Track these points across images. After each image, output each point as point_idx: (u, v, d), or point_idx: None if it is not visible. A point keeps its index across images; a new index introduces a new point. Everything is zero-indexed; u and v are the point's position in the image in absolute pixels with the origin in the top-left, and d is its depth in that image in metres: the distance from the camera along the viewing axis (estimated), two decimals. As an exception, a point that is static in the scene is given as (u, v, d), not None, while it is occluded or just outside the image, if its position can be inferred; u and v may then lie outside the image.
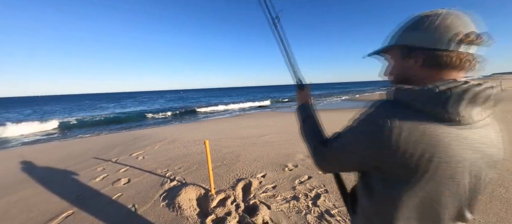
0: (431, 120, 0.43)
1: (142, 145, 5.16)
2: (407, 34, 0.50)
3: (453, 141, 0.42)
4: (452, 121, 0.43)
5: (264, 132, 5.79)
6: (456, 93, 0.42)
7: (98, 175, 3.39)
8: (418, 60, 0.48)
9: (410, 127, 0.43)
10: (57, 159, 4.62)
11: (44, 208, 2.50)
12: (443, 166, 0.43)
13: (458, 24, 0.44)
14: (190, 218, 2.07)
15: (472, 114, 0.44)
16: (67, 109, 27.66)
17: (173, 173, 3.24)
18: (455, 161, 0.43)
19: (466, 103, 0.42)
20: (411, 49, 0.49)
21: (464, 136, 0.43)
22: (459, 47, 0.44)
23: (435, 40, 0.45)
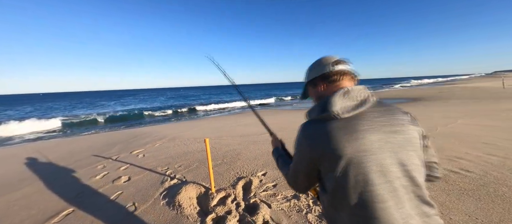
0: (325, 122, 0.63)
1: (143, 143, 5.16)
2: (309, 74, 0.79)
3: (339, 131, 0.60)
4: (334, 118, 0.62)
5: (264, 130, 5.77)
6: (330, 99, 0.64)
7: (98, 173, 3.38)
8: (321, 84, 0.74)
9: (314, 132, 0.64)
10: (57, 157, 4.62)
11: (45, 206, 2.50)
12: (337, 151, 0.59)
13: (329, 57, 0.74)
14: (191, 217, 2.06)
15: (347, 108, 0.62)
16: (68, 107, 27.70)
17: (173, 171, 3.23)
18: (346, 145, 0.58)
19: (339, 102, 0.62)
20: (313, 81, 0.76)
21: (345, 126, 0.60)
22: (334, 67, 0.71)
23: (321, 68, 0.73)
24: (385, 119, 0.63)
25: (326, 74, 0.72)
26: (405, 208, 0.56)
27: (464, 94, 14.21)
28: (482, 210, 1.85)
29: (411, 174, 0.59)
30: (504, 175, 2.39)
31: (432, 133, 4.32)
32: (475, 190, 2.15)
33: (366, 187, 0.56)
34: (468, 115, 6.13)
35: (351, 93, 0.64)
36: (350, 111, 0.61)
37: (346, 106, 0.62)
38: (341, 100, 0.63)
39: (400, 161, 0.59)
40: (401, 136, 0.62)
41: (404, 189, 0.57)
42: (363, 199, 0.56)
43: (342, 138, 0.59)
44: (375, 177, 0.56)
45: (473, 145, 3.41)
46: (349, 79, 0.72)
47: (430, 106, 9.55)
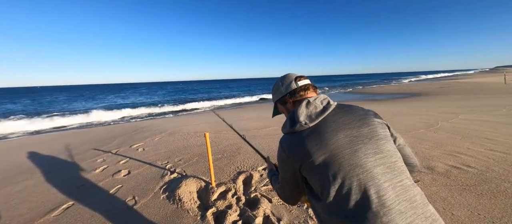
0: (296, 133, 0.70)
1: (142, 137, 5.14)
2: (275, 94, 0.88)
3: (309, 138, 0.66)
4: (303, 128, 0.68)
5: (265, 124, 5.75)
6: (295, 112, 0.72)
7: (98, 166, 3.37)
8: (289, 100, 0.82)
9: (289, 144, 0.70)
10: (57, 150, 4.60)
11: (44, 199, 2.49)
12: (311, 157, 0.64)
13: (289, 75, 0.84)
14: (191, 211, 2.05)
15: (311, 117, 0.69)
16: (67, 100, 27.60)
17: (173, 165, 3.22)
18: (318, 148, 0.63)
19: (304, 112, 0.70)
20: (282, 99, 0.84)
21: (314, 132, 0.66)
22: (297, 84, 0.80)
23: (287, 87, 0.82)
24: (349, 117, 0.68)
25: (292, 91, 0.80)
26: (388, 194, 0.56)
27: (465, 89, 14.15)
28: (484, 205, 1.84)
29: (387, 160, 0.62)
30: (506, 171, 2.37)
31: (433, 128, 4.29)
32: (477, 185, 2.14)
33: (345, 181, 0.58)
34: (470, 110, 6.10)
35: (313, 103, 0.72)
36: (315, 119, 0.68)
37: (310, 115, 0.69)
38: (305, 110, 0.70)
39: (374, 150, 0.62)
40: (368, 128, 0.66)
41: (383, 176, 0.58)
42: (346, 192, 0.58)
43: (314, 143, 0.64)
44: (352, 169, 0.59)
45: (475, 140, 3.39)
46: (312, 91, 0.81)
47: (431, 101, 9.51)
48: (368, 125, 0.67)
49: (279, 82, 0.85)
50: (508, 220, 1.65)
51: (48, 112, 16.08)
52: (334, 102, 0.74)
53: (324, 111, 0.69)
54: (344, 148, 0.62)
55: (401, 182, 0.59)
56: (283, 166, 0.75)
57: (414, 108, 7.33)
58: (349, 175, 0.59)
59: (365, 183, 0.58)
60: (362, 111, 0.72)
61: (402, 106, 8.48)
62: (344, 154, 0.61)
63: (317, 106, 0.71)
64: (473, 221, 1.68)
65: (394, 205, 0.55)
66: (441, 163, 2.67)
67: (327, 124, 0.67)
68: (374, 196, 0.56)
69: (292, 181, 0.76)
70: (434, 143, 3.37)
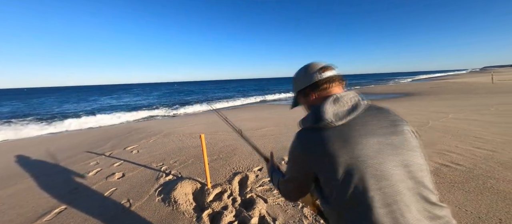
0: (319, 131, 0.62)
1: (137, 139, 5.08)
2: (296, 83, 0.80)
3: (334, 139, 0.59)
4: (327, 126, 0.61)
5: (261, 125, 5.77)
6: (321, 108, 0.63)
7: (91, 169, 3.32)
8: (311, 93, 0.74)
9: (309, 141, 0.63)
10: (48, 153, 4.50)
11: (35, 203, 2.44)
12: (333, 160, 0.57)
13: (314, 64, 0.75)
14: (186, 213, 2.05)
15: (339, 115, 0.61)
16: (56, 103, 26.94)
17: (168, 167, 3.20)
18: (343, 152, 0.57)
19: (331, 109, 0.62)
20: (304, 90, 0.76)
21: (340, 133, 0.59)
22: (322, 75, 0.71)
23: (309, 78, 0.73)
24: (380, 122, 0.62)
25: (315, 83, 0.72)
26: (412, 212, 0.52)
27: (455, 89, 14.55)
28: (471, 201, 1.91)
29: (416, 174, 0.56)
30: (492, 168, 2.47)
31: (424, 127, 4.41)
32: (464, 182, 2.22)
33: (367, 193, 0.53)
34: (459, 109, 6.29)
35: (341, 100, 0.64)
36: (343, 118, 0.61)
37: (338, 113, 0.62)
38: (332, 107, 0.63)
39: (403, 162, 0.57)
40: (400, 136, 0.60)
41: (409, 191, 0.54)
42: (366, 205, 0.54)
43: (338, 146, 0.57)
44: (376, 182, 0.54)
45: (463, 139, 3.50)
46: (338, 85, 0.73)
47: (422, 101, 9.74)
48: (400, 134, 0.61)
49: (302, 71, 0.76)
50: (494, 215, 1.72)
51: (37, 114, 15.67)
52: (365, 101, 0.67)
53: (353, 110, 0.62)
54: (371, 157, 0.56)
55: (427, 199, 0.55)
56: (296, 164, 0.70)
57: (407, 108, 7.50)
58: (372, 187, 0.53)
59: (389, 197, 0.53)
60: (394, 117, 0.65)
61: (395, 105, 8.66)
62: (371, 163, 0.55)
63: (346, 103, 0.64)
64: (461, 217, 1.74)
65: (417, 222, 0.52)
66: (432, 161, 2.75)
67: (356, 127, 0.60)
68: (398, 213, 0.52)
69: (301, 179, 0.71)
70: (425, 142, 3.46)
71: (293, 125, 5.56)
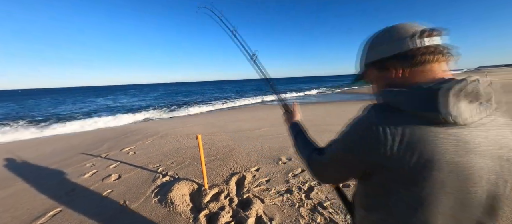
0: (424, 123, 0.42)
1: (133, 140, 5.05)
2: (374, 51, 0.53)
3: (449, 144, 0.40)
4: (446, 122, 0.41)
5: (258, 126, 5.78)
6: (441, 91, 0.41)
7: (87, 171, 3.29)
8: (396, 67, 0.49)
9: (403, 131, 0.42)
10: (43, 155, 4.45)
11: (30, 206, 2.41)
12: (438, 172, 0.40)
13: (410, 26, 0.48)
14: (183, 214, 2.05)
15: (464, 112, 0.41)
16: (51, 104, 26.62)
17: (165, 168, 3.19)
18: (453, 166, 0.40)
19: (454, 99, 0.41)
20: (383, 61, 0.51)
21: (460, 138, 0.41)
22: (423, 42, 0.46)
23: (400, 44, 0.48)
24: (504, 141, 0.44)
25: (408, 52, 0.46)
26: None
27: (450, 89, 14.73)
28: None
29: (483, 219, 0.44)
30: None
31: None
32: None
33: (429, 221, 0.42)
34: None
35: (472, 89, 0.42)
36: (470, 117, 0.42)
37: (468, 113, 0.41)
38: (463, 101, 0.41)
39: (488, 207, 0.43)
40: (507, 163, 0.43)
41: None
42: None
43: (450, 156, 0.40)
44: (471, 215, 0.42)
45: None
46: (444, 62, 0.48)
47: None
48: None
49: (385, 34, 0.51)
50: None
51: (32, 116, 15.48)
52: (496, 94, 0.45)
53: (485, 108, 0.43)
54: (472, 185, 0.41)
55: None
56: (354, 149, 0.48)
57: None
58: (439, 217, 0.42)
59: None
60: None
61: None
62: (480, 191, 0.41)
63: (480, 96, 0.43)
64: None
65: None
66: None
67: (479, 133, 0.42)
68: None
69: (348, 169, 0.53)
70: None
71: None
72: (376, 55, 0.53)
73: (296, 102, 0.96)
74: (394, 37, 0.49)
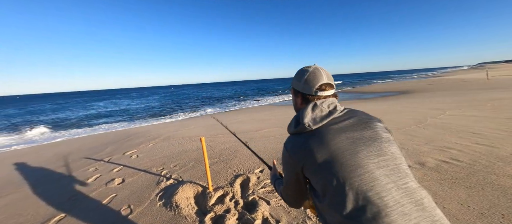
0: (300, 135, 0.71)
1: (136, 143, 5.03)
2: (295, 81, 0.82)
3: (312, 139, 0.67)
4: (306, 129, 0.69)
5: (260, 127, 5.77)
6: (301, 114, 0.72)
7: (90, 175, 3.28)
8: (300, 98, 0.81)
9: (293, 145, 0.72)
10: (47, 160, 4.44)
11: (34, 212, 2.40)
12: (313, 158, 0.65)
13: (318, 78, 0.76)
14: (189, 217, 2.03)
15: (316, 119, 0.69)
16: (53, 109, 26.64)
17: (169, 171, 3.17)
18: (319, 149, 0.64)
19: (309, 115, 0.71)
20: (296, 91, 0.81)
21: (317, 134, 0.67)
22: (320, 93, 0.75)
23: (306, 88, 0.77)
24: (352, 121, 0.69)
25: (307, 96, 0.77)
26: (392, 195, 0.56)
27: (451, 86, 14.71)
28: (473, 198, 1.92)
29: (391, 162, 0.61)
30: (492, 163, 2.49)
31: (423, 124, 4.44)
32: (465, 178, 2.23)
33: (346, 182, 0.59)
34: (456, 106, 6.35)
35: (320, 106, 0.72)
36: (319, 122, 0.68)
37: (315, 118, 0.70)
38: (310, 113, 0.71)
39: (376, 152, 0.62)
40: (371, 130, 0.67)
41: (386, 178, 0.58)
42: (347, 194, 0.58)
43: (315, 144, 0.65)
44: (353, 170, 0.59)
45: (462, 135, 3.53)
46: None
47: (419, 98, 9.83)
48: (371, 128, 0.68)
49: (304, 76, 0.78)
50: (496, 211, 1.73)
51: (32, 122, 15.49)
52: (342, 107, 0.74)
53: (329, 115, 0.70)
54: (345, 149, 0.62)
55: (406, 184, 0.58)
56: (287, 167, 0.76)
57: (404, 106, 7.56)
58: (350, 175, 0.59)
59: (366, 184, 0.57)
60: (365, 116, 0.73)
61: (391, 104, 8.72)
62: (345, 155, 0.62)
63: (323, 109, 0.71)
64: (463, 213, 1.74)
65: (397, 206, 0.54)
66: (431, 158, 2.76)
67: (330, 127, 0.68)
68: (376, 197, 0.55)
69: (295, 183, 0.77)
70: (424, 139, 3.48)
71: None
72: (297, 87, 0.81)
73: (274, 160, 1.22)
74: (309, 83, 0.76)
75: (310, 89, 0.76)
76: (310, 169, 0.67)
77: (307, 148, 0.67)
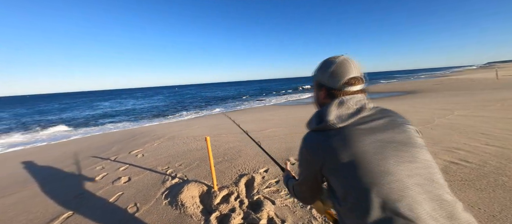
0: (322, 132, 0.65)
1: (141, 143, 5.09)
2: (318, 74, 0.74)
3: (335, 139, 0.61)
4: (330, 127, 0.63)
5: (264, 126, 5.76)
6: (325, 110, 0.65)
7: (97, 174, 3.33)
8: (323, 92, 0.73)
9: (313, 143, 0.66)
10: (55, 159, 4.53)
11: (43, 209, 2.44)
12: (335, 158, 0.59)
13: (346, 70, 0.67)
14: (194, 216, 2.04)
15: (339, 118, 0.62)
16: (60, 109, 27.19)
17: (174, 170, 3.20)
18: (343, 149, 0.58)
19: (334, 112, 0.64)
20: (320, 84, 0.74)
21: (341, 133, 0.61)
22: (348, 88, 0.68)
23: (332, 82, 0.69)
24: (384, 121, 0.63)
25: (333, 90, 0.69)
26: (423, 207, 0.50)
27: (459, 86, 14.41)
28: (484, 200, 1.87)
29: (423, 171, 0.55)
30: (503, 165, 2.42)
31: (430, 124, 4.36)
32: (475, 180, 2.18)
33: (372, 188, 0.53)
34: (464, 106, 6.21)
35: (346, 103, 0.65)
36: (345, 120, 0.62)
37: (341, 115, 0.63)
38: (336, 110, 0.64)
39: (408, 158, 0.56)
40: (403, 134, 0.60)
41: (419, 187, 0.52)
42: (373, 201, 0.53)
43: (339, 144, 0.59)
44: (381, 176, 0.53)
45: (471, 136, 3.45)
46: None
47: (427, 98, 9.66)
48: (403, 131, 0.61)
49: (330, 67, 0.69)
50: (508, 213, 1.68)
51: (41, 121, 15.83)
52: (371, 105, 0.67)
53: (357, 113, 0.63)
54: (373, 153, 0.56)
55: (440, 196, 0.52)
56: (304, 164, 0.72)
57: (410, 106, 7.44)
58: (377, 182, 0.53)
59: (396, 193, 0.52)
60: (398, 117, 0.66)
61: (398, 104, 8.60)
62: (373, 159, 0.55)
63: (350, 107, 0.64)
64: (474, 216, 1.70)
65: (429, 220, 0.48)
66: (440, 159, 2.71)
67: (357, 127, 0.61)
68: (406, 209, 0.50)
69: (311, 180, 0.73)
70: (432, 140, 3.42)
71: (295, 124, 5.53)
72: (320, 80, 0.73)
73: (287, 161, 1.19)
74: (335, 75, 0.68)
75: (336, 82, 0.68)
76: (331, 169, 0.62)
77: (330, 147, 0.61)
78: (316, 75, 0.76)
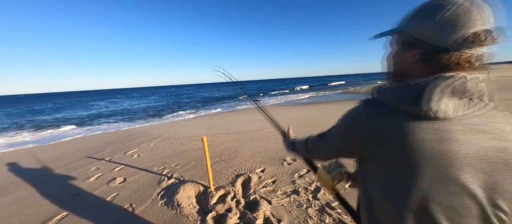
0: (407, 116, 0.43)
1: (137, 143, 5.05)
2: (414, 21, 0.47)
3: (430, 134, 0.41)
4: (427, 116, 0.42)
5: (261, 127, 5.77)
6: (428, 88, 0.42)
7: (92, 174, 3.29)
8: (417, 54, 0.47)
9: (384, 124, 0.45)
10: (49, 160, 4.46)
11: (36, 210, 2.41)
12: (419, 159, 0.41)
13: (470, 20, 0.41)
14: (190, 216, 2.04)
15: (447, 107, 0.41)
16: (54, 109, 26.76)
17: (170, 170, 3.18)
18: (433, 152, 0.40)
19: (439, 95, 0.41)
20: (413, 40, 0.47)
21: (441, 128, 0.41)
22: (463, 48, 0.42)
23: (438, 36, 0.43)
24: (491, 127, 0.42)
25: (441, 54, 0.43)
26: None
27: (452, 86, 14.65)
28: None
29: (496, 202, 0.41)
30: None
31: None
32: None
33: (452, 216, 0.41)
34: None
35: (459, 85, 0.41)
36: (453, 112, 0.41)
37: (452, 107, 0.41)
38: (448, 97, 0.42)
39: (491, 186, 0.41)
40: (502, 154, 0.41)
41: None
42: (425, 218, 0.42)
43: (429, 145, 0.41)
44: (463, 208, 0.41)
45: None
46: (475, 67, 0.44)
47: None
48: (506, 150, 0.41)
49: (441, 10, 0.42)
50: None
51: (35, 121, 15.56)
52: (492, 92, 0.44)
53: (471, 105, 0.43)
54: (467, 169, 0.40)
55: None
56: (344, 134, 0.54)
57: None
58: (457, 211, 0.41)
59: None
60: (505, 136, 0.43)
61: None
62: (463, 176, 0.40)
63: (468, 93, 0.42)
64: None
65: None
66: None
67: (463, 125, 0.42)
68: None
69: (337, 150, 0.59)
70: None
71: (293, 125, 5.55)
72: (412, 29, 0.47)
73: (290, 126, 1.09)
74: (441, 23, 0.42)
75: (452, 35, 0.41)
76: (381, 162, 0.46)
77: (402, 141, 0.42)
78: (406, 25, 0.48)
